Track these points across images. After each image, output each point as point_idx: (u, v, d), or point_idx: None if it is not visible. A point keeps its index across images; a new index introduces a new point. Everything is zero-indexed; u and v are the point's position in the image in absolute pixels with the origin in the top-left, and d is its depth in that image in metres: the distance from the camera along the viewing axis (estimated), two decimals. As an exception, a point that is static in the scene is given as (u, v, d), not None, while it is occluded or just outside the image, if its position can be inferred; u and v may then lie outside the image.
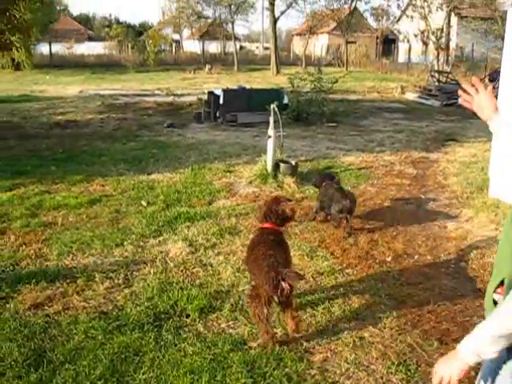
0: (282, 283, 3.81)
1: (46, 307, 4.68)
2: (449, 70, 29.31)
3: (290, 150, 10.95)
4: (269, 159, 8.69)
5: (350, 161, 10.60)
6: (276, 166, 8.66)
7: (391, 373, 3.82)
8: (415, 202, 7.97)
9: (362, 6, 48.68)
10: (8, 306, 4.68)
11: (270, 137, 8.60)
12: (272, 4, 41.05)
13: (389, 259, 5.77)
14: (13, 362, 3.86)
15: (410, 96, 23.88)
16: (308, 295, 4.91)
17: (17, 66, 39.53)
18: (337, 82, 16.30)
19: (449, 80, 24.58)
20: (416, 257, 5.81)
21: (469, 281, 5.32)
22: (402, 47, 48.66)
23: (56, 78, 34.03)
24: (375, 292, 4.99)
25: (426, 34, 37.84)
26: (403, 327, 4.41)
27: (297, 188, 8.34)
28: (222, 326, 4.41)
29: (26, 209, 7.34)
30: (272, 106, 8.64)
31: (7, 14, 10.57)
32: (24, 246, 6.03)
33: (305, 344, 4.14)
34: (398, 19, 47.85)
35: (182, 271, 5.37)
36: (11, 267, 5.47)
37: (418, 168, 10.18)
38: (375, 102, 22.15)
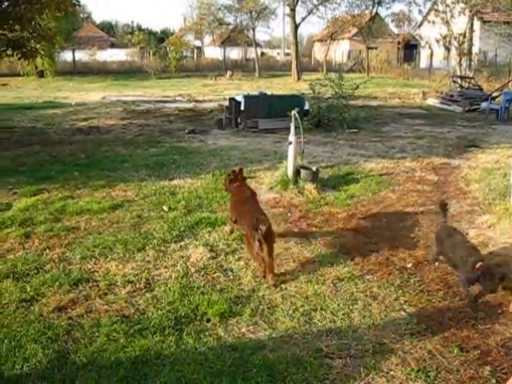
0: (260, 226, 5.19)
1: (70, 310, 4.76)
2: (471, 75, 29.08)
3: (311, 156, 10.96)
4: (289, 165, 8.72)
5: (371, 167, 10.57)
6: (297, 172, 8.68)
7: (411, 379, 3.83)
8: (436, 209, 7.93)
9: (383, 12, 48.72)
10: (33, 308, 4.78)
11: (290, 143, 8.63)
12: (293, 10, 41.10)
13: (409, 266, 5.76)
14: (37, 363, 3.95)
15: (432, 102, 23.75)
16: (328, 300, 4.93)
17: (41, 74, 40.07)
18: (358, 88, 16.27)
19: (471, 85, 24.39)
20: (437, 263, 5.79)
21: (490, 288, 5.29)
22: (424, 53, 48.37)
23: (79, 84, 34.38)
24: (395, 298, 5.00)
25: (448, 39, 37.62)
26: (423, 334, 4.41)
27: (317, 194, 8.35)
28: (243, 330, 4.45)
29: (50, 213, 7.46)
30: (293, 112, 8.67)
31: (33, 22, 10.73)
32: (48, 250, 6.13)
33: (325, 349, 4.16)
34: (420, 24, 47.68)
35: (202, 276, 5.43)
36: (36, 270, 5.56)
37: (440, 174, 10.12)
38: (396, 107, 22.06)
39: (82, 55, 49.70)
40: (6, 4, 10.48)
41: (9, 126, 16.35)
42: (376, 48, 52.53)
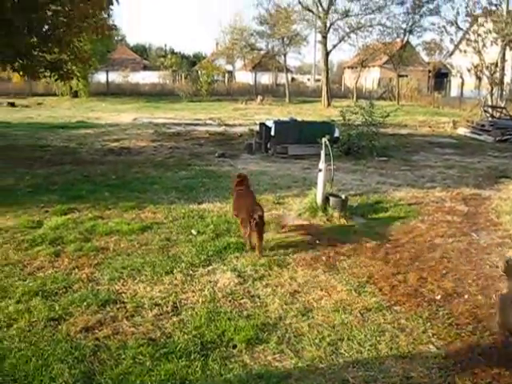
0: (254, 215, 6.59)
1: (97, 331, 4.80)
2: (503, 105, 28.86)
3: (340, 183, 10.95)
4: (319, 193, 8.72)
5: (400, 196, 10.51)
6: (326, 200, 8.67)
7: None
8: (466, 240, 7.85)
9: (414, 40, 48.60)
10: (60, 327, 4.82)
11: (320, 170, 8.64)
12: (324, 37, 41.36)
13: (438, 297, 5.69)
14: (63, 383, 3.97)
15: (462, 131, 23.61)
16: (355, 331, 4.89)
17: (74, 94, 40.77)
18: (388, 116, 16.27)
19: (503, 115, 24.22)
20: (466, 296, 5.72)
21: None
22: (455, 81, 48.18)
23: (111, 105, 34.89)
24: (423, 331, 4.93)
25: (479, 68, 37.45)
26: (452, 369, 4.34)
27: (346, 222, 8.33)
28: (269, 358, 4.43)
29: (80, 233, 7.54)
30: (324, 139, 8.68)
31: (71, 45, 10.97)
32: (77, 270, 6.19)
33: (351, 380, 4.13)
34: (451, 53, 47.46)
35: (229, 301, 5.42)
36: (64, 289, 5.62)
37: (470, 205, 10.02)
38: (426, 136, 21.98)
39: (115, 77, 50.51)
40: (47, 27, 10.74)
41: (42, 144, 16.65)
42: (406, 76, 52.52)
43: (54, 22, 10.66)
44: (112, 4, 10.92)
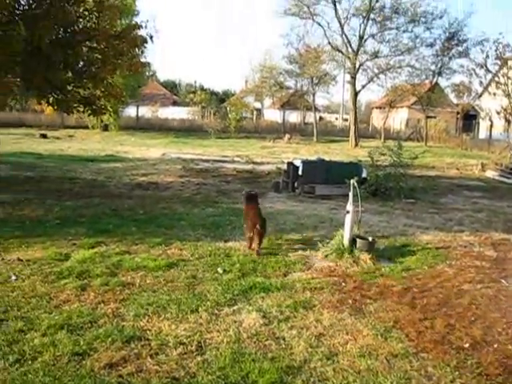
0: (257, 225, 8.50)
1: (120, 367, 4.77)
2: (532, 148, 28.66)
3: (367, 225, 10.88)
4: (346, 234, 8.68)
5: (428, 239, 10.41)
6: (353, 242, 8.63)
7: None
8: (495, 286, 7.73)
9: (443, 82, 48.64)
10: (84, 362, 4.81)
11: (348, 212, 8.62)
12: (353, 78, 41.67)
13: (466, 346, 5.57)
14: (86, 420, 3.96)
15: (491, 174, 23.45)
16: (381, 377, 4.82)
17: (105, 127, 41.41)
18: (417, 158, 16.25)
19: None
20: (496, 345, 5.60)
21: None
22: (483, 123, 48.07)
23: (140, 139, 35.32)
24: (451, 380, 4.83)
25: (508, 111, 37.35)
26: (481, 420, 4.25)
27: (372, 265, 8.26)
28: (293, 402, 4.38)
29: (107, 267, 7.57)
30: (352, 181, 8.68)
31: (104, 81, 11.20)
32: (102, 304, 6.19)
33: (376, 429, 4.06)
34: (480, 95, 47.47)
35: (254, 343, 5.37)
36: (89, 324, 5.61)
37: (499, 250, 9.88)
38: (454, 178, 21.87)
39: (145, 111, 51.24)
40: (82, 64, 10.99)
41: (72, 176, 16.90)
42: (435, 117, 52.53)
43: (90, 59, 10.92)
44: (146, 42, 11.16)
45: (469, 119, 55.66)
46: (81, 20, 10.97)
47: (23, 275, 7.11)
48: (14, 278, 6.99)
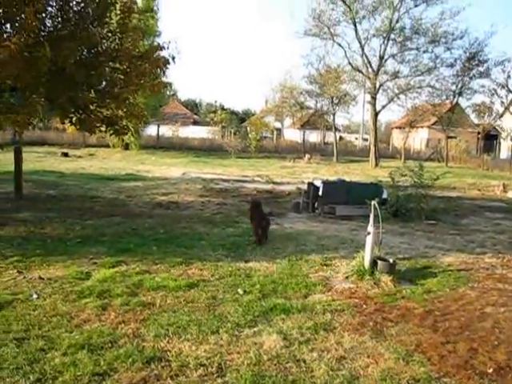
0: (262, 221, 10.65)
1: (141, 389, 4.75)
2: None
3: (388, 246, 10.81)
4: (367, 256, 8.62)
5: (449, 261, 10.30)
6: (374, 263, 8.58)
7: None
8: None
9: (463, 102, 48.48)
10: (105, 383, 4.81)
11: (369, 233, 8.58)
12: (374, 98, 41.71)
13: (490, 371, 5.48)
14: None
15: (513, 195, 23.25)
16: (403, 402, 4.76)
17: (126, 146, 41.73)
18: (438, 179, 16.16)
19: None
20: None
21: None
22: (505, 143, 47.79)
23: (161, 158, 35.52)
24: (474, 406, 4.77)
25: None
26: None
27: (393, 287, 8.19)
28: (314, 426, 4.34)
29: (127, 287, 7.58)
30: (373, 202, 8.64)
31: (126, 101, 11.31)
32: (123, 324, 6.20)
33: None
34: (501, 115, 47.29)
35: (275, 365, 5.33)
36: (110, 344, 5.61)
37: (522, 273, 9.76)
38: (476, 199, 21.69)
39: (165, 130, 51.55)
40: (105, 84, 11.13)
41: (93, 195, 17.03)
42: (455, 137, 52.31)
43: (113, 79, 11.04)
44: (169, 63, 11.24)
45: (490, 139, 55.39)
46: (104, 41, 11.11)
47: (44, 294, 7.16)
48: (35, 296, 7.03)
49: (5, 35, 9.32)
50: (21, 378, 4.77)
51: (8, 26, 9.59)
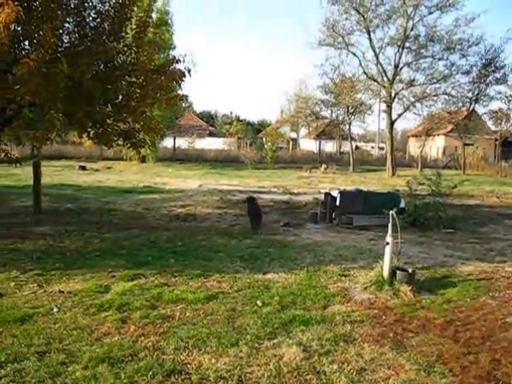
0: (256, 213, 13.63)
1: (162, 402, 4.77)
2: None
3: (406, 256, 10.76)
4: (385, 266, 8.59)
5: (469, 270, 10.21)
6: (392, 273, 8.54)
7: None
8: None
9: (480, 109, 48.18)
10: (125, 397, 4.82)
11: (387, 243, 8.55)
12: (389, 107, 41.64)
13: (513, 382, 5.44)
14: None
15: (533, 203, 23.03)
16: (425, 414, 4.72)
17: (142, 159, 41.93)
18: (456, 187, 16.06)
19: None
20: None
21: None
22: (523, 150, 47.42)
23: (177, 171, 35.61)
24: (498, 418, 4.72)
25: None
26: None
27: (413, 297, 8.14)
28: None
29: (146, 300, 7.60)
30: (391, 212, 8.61)
31: (143, 115, 11.40)
32: (143, 338, 6.21)
33: None
34: (519, 121, 46.94)
35: (295, 377, 5.31)
36: (130, 357, 5.62)
37: (544, 281, 9.66)
38: (494, 207, 21.52)
39: (181, 142, 51.76)
40: (121, 98, 11.22)
41: (111, 208, 17.12)
42: (472, 144, 52.00)
43: (129, 93, 11.13)
44: (185, 76, 11.30)
45: (507, 146, 55.00)
46: (120, 55, 11.21)
47: (65, 307, 7.21)
48: (55, 309, 7.09)
49: (23, 52, 9.48)
50: (43, 392, 4.81)
51: (26, 43, 9.75)
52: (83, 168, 34.54)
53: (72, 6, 10.48)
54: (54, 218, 14.71)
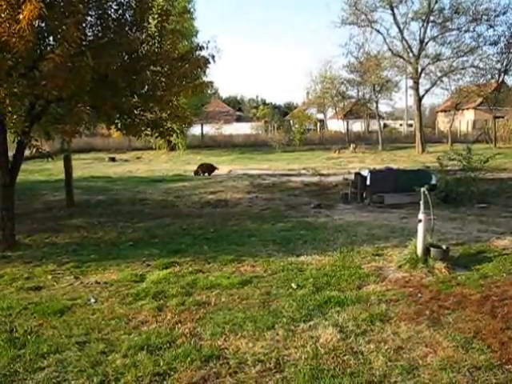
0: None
1: (201, 387, 4.80)
2: None
3: (439, 232, 10.65)
4: (419, 243, 8.52)
5: (504, 244, 10.06)
6: (426, 251, 8.47)
7: None
8: None
9: (510, 80, 47.26)
10: (165, 383, 4.89)
11: (420, 220, 8.48)
12: (416, 83, 41.10)
13: (555, 356, 5.35)
14: None
15: None
16: (465, 390, 4.70)
17: (171, 147, 42.13)
18: (487, 161, 15.83)
19: None
20: None
21: None
22: (556, 119, 46.49)
23: (206, 158, 35.69)
24: (539, 392, 4.67)
25: None
26: None
27: (448, 273, 8.07)
28: (375, 419, 4.32)
29: (181, 287, 7.67)
30: (422, 189, 8.53)
31: (169, 104, 11.42)
32: (180, 324, 6.26)
33: None
34: (552, 90, 45.96)
35: (332, 358, 5.31)
36: (168, 344, 5.68)
37: None
38: (528, 180, 21.14)
39: (209, 129, 51.88)
40: (147, 88, 11.25)
41: (142, 198, 17.28)
42: (503, 117, 51.11)
43: (154, 83, 11.14)
44: (209, 63, 11.27)
45: (539, 116, 53.97)
46: (144, 45, 11.22)
47: (102, 298, 7.32)
48: (93, 300, 7.20)
49: (48, 48, 9.55)
50: (85, 381, 4.89)
51: (51, 38, 9.81)
52: (113, 159, 34.90)
53: (93, -2, 10.53)
54: (87, 211, 14.91)
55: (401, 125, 70.92)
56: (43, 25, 9.44)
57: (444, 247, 8.67)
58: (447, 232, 11.14)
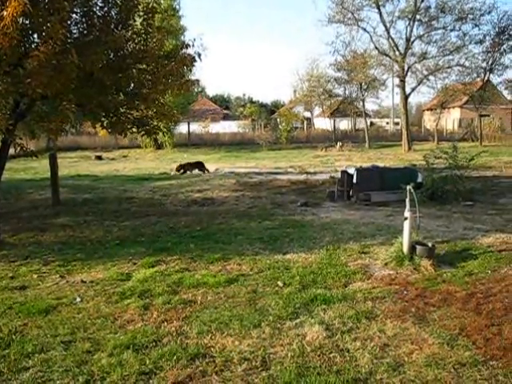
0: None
1: (198, 386, 4.79)
2: None
3: (425, 230, 10.70)
4: (405, 241, 8.55)
5: (489, 242, 10.12)
6: (412, 248, 8.50)
7: None
8: None
9: (495, 79, 47.58)
10: (151, 381, 4.86)
11: (406, 218, 8.51)
12: (403, 81, 41.30)
13: (538, 353, 5.40)
14: None
15: (552, 171, 22.78)
16: (450, 387, 4.72)
17: (158, 146, 42.06)
18: (473, 159, 15.92)
19: None
20: None
21: None
22: (541, 119, 46.86)
23: (193, 156, 35.64)
24: (523, 388, 4.70)
25: None
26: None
27: (434, 271, 8.11)
28: (361, 416, 4.33)
29: (168, 286, 7.63)
30: (408, 187, 8.57)
31: (155, 102, 11.41)
32: (166, 323, 6.24)
33: None
34: (536, 89, 46.32)
35: (318, 356, 5.32)
36: (154, 343, 5.66)
37: None
38: (513, 177, 21.29)
39: (195, 127, 51.82)
40: (133, 86, 11.23)
41: (128, 196, 17.20)
42: (488, 115, 51.50)
43: (140, 81, 11.13)
44: (195, 61, 11.27)
45: (525, 115, 54.39)
46: (130, 43, 11.20)
47: (87, 297, 7.27)
48: (78, 299, 7.16)
49: (33, 45, 9.51)
50: (70, 380, 4.86)
51: (35, 35, 9.77)
52: (99, 158, 34.75)
53: (78, -5, 10.48)
54: (73, 209, 14.81)
55: (387, 123, 71.23)
56: (27, 22, 9.39)
57: (430, 245, 8.72)
58: (433, 230, 11.19)
